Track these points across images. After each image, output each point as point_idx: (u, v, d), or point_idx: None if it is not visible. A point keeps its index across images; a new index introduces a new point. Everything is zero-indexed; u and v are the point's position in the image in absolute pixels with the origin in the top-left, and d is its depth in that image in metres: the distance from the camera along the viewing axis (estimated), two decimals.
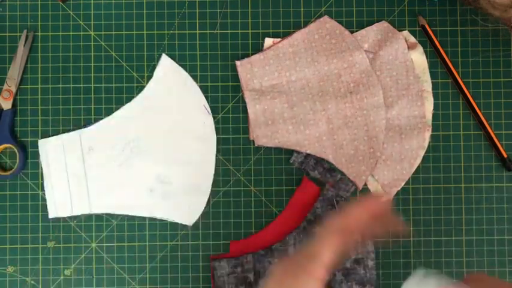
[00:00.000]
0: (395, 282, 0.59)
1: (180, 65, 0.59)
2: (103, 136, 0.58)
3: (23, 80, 0.59)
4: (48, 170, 0.57)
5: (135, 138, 0.58)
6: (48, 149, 0.58)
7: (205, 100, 0.59)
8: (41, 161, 0.58)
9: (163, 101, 0.58)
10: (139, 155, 0.58)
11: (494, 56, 0.60)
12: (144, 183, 0.58)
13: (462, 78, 0.59)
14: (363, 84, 0.58)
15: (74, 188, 0.57)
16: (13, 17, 0.59)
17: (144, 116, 0.58)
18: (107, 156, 0.58)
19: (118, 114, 0.58)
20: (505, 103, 0.60)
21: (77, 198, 0.57)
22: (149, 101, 0.58)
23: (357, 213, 0.45)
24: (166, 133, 0.58)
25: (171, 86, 0.59)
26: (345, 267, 0.57)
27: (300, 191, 0.58)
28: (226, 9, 0.60)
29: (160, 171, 0.58)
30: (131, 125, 0.58)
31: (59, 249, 0.58)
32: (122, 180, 0.58)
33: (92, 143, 0.58)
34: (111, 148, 0.58)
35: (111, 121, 0.58)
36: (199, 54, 0.59)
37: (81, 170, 0.58)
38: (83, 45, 0.59)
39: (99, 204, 0.58)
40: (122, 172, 0.58)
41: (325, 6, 0.60)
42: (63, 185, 0.57)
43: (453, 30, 0.60)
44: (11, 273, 0.58)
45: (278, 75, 0.58)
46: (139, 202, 0.58)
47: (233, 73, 0.59)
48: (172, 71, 0.59)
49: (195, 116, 0.58)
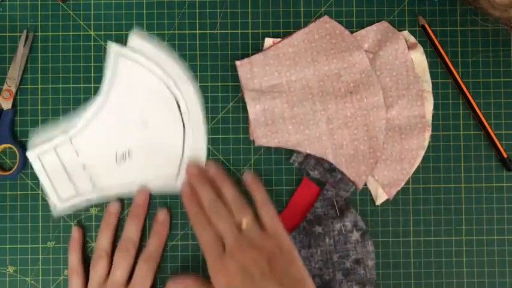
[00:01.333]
0: (395, 282, 0.59)
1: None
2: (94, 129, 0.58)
3: (23, 80, 0.59)
4: (43, 174, 0.58)
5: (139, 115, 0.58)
6: (38, 154, 0.58)
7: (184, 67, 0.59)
8: (36, 170, 0.58)
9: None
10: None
11: (494, 56, 0.60)
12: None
13: (462, 78, 0.59)
14: (363, 84, 0.58)
15: (75, 179, 0.58)
16: (13, 17, 0.59)
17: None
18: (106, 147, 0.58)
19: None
20: (505, 103, 0.60)
21: (80, 187, 0.58)
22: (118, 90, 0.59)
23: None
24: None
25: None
26: (345, 267, 0.57)
27: (300, 191, 0.58)
28: (226, 9, 0.60)
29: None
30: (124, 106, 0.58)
31: (59, 249, 0.58)
32: (122, 170, 0.58)
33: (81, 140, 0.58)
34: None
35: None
36: (199, 54, 0.59)
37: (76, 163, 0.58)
38: (83, 45, 0.59)
39: (103, 187, 0.58)
40: (121, 165, 0.58)
41: (325, 6, 0.60)
42: (63, 179, 0.58)
43: (453, 30, 0.60)
44: (11, 273, 0.58)
45: (278, 75, 0.58)
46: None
47: (233, 73, 0.59)
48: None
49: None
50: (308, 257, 0.57)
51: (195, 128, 0.58)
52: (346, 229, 0.57)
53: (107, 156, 0.58)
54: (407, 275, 0.59)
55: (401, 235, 0.59)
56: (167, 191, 0.58)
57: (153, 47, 0.59)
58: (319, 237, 0.57)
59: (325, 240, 0.57)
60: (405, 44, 0.58)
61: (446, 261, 0.59)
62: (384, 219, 0.59)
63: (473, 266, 0.59)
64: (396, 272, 0.59)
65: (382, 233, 0.59)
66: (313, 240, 0.57)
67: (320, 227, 0.57)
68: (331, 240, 0.57)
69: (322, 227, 0.57)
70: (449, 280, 0.59)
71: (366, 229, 0.57)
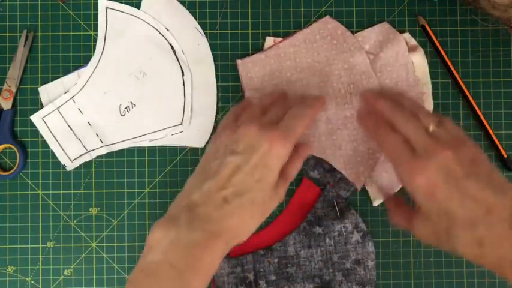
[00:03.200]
0: (395, 282, 0.59)
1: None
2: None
3: (23, 80, 0.59)
4: (50, 136, 0.58)
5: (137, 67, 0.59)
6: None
7: (196, 22, 0.59)
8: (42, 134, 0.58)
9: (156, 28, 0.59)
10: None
11: (494, 56, 0.60)
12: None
13: (462, 78, 0.59)
14: (363, 85, 0.58)
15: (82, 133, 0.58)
16: (13, 17, 0.59)
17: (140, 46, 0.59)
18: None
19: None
20: (505, 103, 0.60)
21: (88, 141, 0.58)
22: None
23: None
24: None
25: (160, 12, 0.59)
26: (345, 268, 0.57)
27: (300, 192, 0.58)
28: (226, 9, 0.60)
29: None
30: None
31: (59, 249, 0.59)
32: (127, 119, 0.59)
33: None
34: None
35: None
36: None
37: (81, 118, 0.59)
38: (83, 45, 0.59)
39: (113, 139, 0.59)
40: (126, 116, 0.59)
41: (325, 6, 0.60)
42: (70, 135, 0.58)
43: (453, 30, 0.60)
44: (11, 273, 0.58)
45: (279, 75, 0.58)
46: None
47: (233, 73, 0.59)
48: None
49: (188, 39, 0.59)
50: (308, 257, 0.57)
51: (198, 73, 0.59)
52: (347, 230, 0.57)
53: (111, 111, 0.58)
54: (407, 275, 0.59)
55: (401, 235, 0.59)
56: (174, 144, 0.58)
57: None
58: (319, 238, 0.57)
59: (325, 241, 0.57)
60: (406, 46, 0.58)
61: (447, 261, 0.59)
62: (384, 219, 0.59)
63: (473, 266, 0.59)
64: (396, 272, 0.59)
65: (382, 233, 0.59)
66: (313, 241, 0.57)
67: (320, 227, 0.57)
68: (331, 240, 0.57)
69: (322, 228, 0.57)
70: (450, 280, 0.59)
71: (366, 230, 0.57)
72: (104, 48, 0.58)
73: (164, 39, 0.58)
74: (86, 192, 0.59)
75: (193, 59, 0.59)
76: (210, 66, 0.59)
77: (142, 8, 0.58)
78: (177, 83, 0.58)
